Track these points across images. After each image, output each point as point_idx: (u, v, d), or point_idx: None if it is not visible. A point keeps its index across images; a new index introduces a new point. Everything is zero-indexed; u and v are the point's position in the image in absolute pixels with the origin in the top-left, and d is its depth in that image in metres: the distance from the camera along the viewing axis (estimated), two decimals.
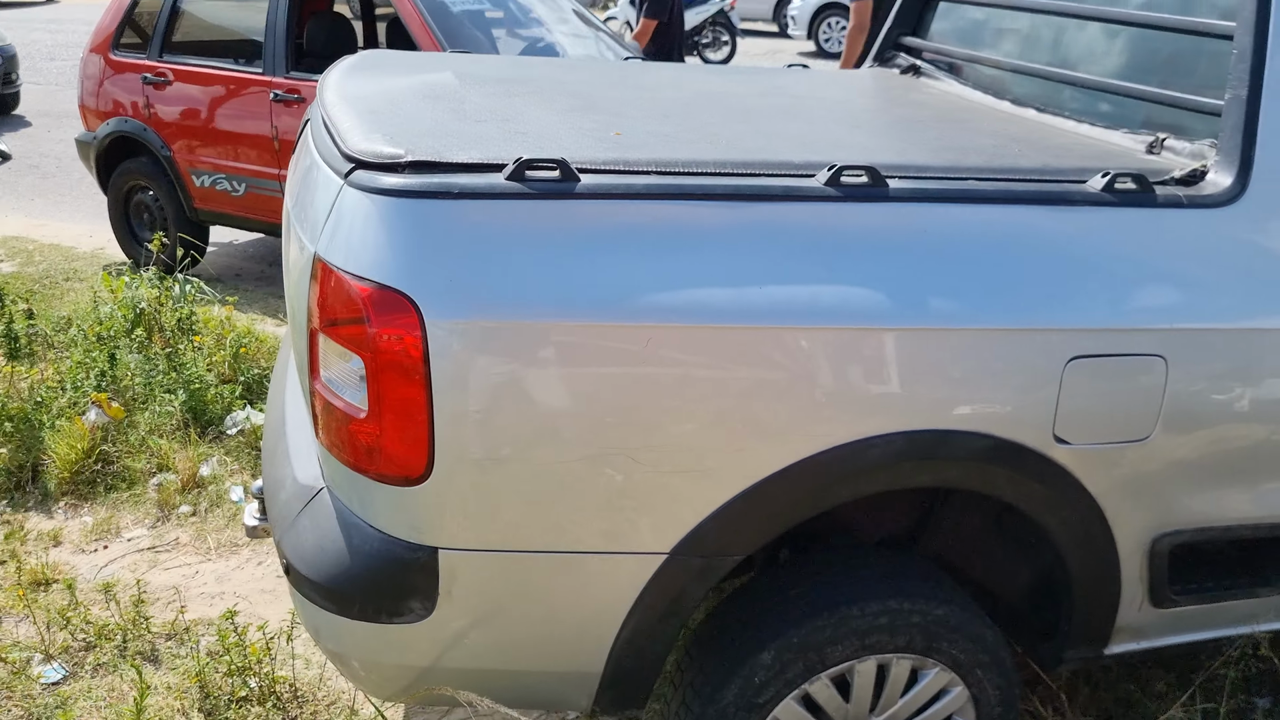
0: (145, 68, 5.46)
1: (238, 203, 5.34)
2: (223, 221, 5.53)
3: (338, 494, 1.76)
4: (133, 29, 5.62)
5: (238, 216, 5.43)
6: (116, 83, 5.59)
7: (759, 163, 1.74)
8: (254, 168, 5.21)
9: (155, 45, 5.47)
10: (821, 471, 1.67)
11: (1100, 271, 1.76)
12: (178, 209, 5.58)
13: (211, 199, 5.42)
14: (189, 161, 5.40)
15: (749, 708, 1.85)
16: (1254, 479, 1.95)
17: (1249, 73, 1.85)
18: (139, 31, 5.62)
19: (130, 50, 5.59)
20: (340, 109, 1.92)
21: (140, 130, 5.51)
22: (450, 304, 1.54)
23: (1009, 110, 2.51)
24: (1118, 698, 2.54)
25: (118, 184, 5.76)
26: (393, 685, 1.81)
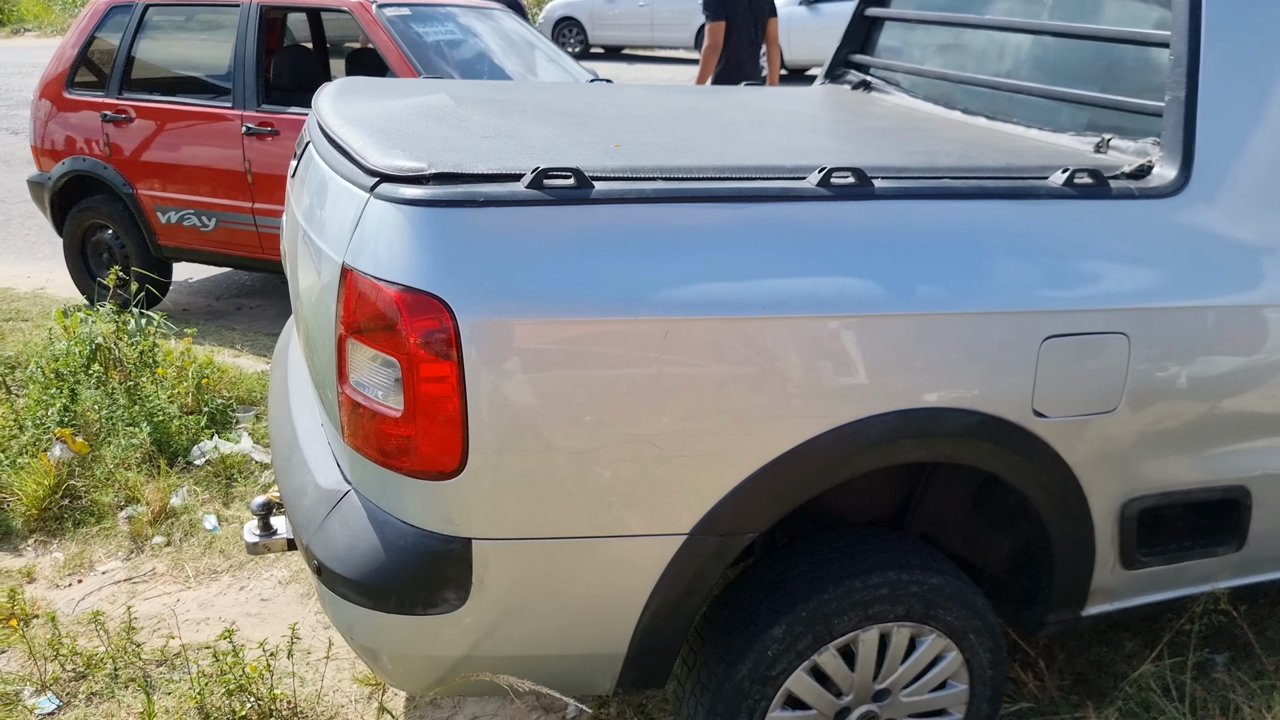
0: (104, 105, 5.42)
1: (207, 238, 5.31)
2: (188, 257, 5.48)
3: (366, 494, 1.83)
4: (87, 68, 5.58)
5: (206, 251, 5.39)
6: (72, 122, 5.53)
7: (753, 168, 1.87)
8: (225, 201, 5.19)
9: (114, 83, 5.43)
10: (826, 451, 1.79)
11: (1066, 257, 1.93)
12: (140, 247, 5.52)
13: (178, 235, 5.38)
14: (154, 198, 5.36)
15: (763, 680, 1.95)
16: (1207, 445, 2.12)
17: (1186, 76, 2.04)
18: (94, 70, 5.58)
19: (85, 89, 5.54)
20: (348, 130, 2.00)
21: (99, 168, 5.45)
22: (480, 304, 1.63)
23: (961, 119, 2.69)
24: (1091, 660, 2.71)
25: (74, 224, 5.68)
26: (424, 678, 1.88)
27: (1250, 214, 2.08)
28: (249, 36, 5.18)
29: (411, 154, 1.78)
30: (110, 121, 5.40)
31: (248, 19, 5.20)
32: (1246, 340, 2.07)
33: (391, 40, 4.97)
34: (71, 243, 5.74)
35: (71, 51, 5.58)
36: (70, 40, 5.63)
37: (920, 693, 2.12)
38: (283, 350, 2.69)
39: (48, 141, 5.63)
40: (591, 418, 1.69)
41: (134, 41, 5.45)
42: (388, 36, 4.97)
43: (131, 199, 5.41)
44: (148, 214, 5.41)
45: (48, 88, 5.61)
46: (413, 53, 4.95)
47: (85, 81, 5.58)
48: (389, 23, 5.05)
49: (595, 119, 2.31)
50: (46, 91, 5.61)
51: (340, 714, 2.70)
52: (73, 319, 4.50)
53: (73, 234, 5.72)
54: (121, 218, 5.52)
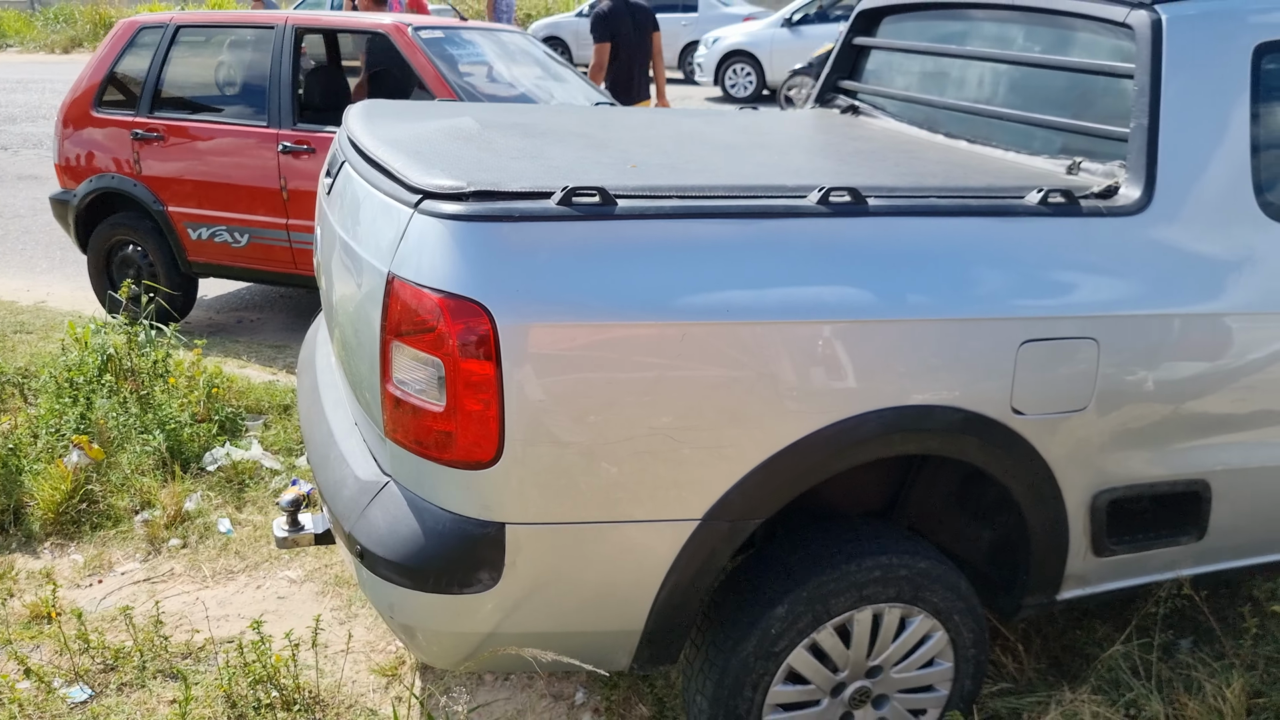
0: (134, 124, 5.50)
1: (238, 253, 5.41)
2: (217, 273, 5.58)
3: (405, 484, 2.00)
4: (115, 87, 5.66)
5: (236, 267, 5.50)
6: (99, 140, 5.61)
7: (759, 186, 2.06)
8: (259, 218, 5.30)
9: (144, 102, 5.52)
10: (827, 443, 1.98)
11: (1040, 269, 2.13)
12: (169, 263, 5.60)
13: (208, 251, 5.48)
14: (184, 215, 5.44)
15: (767, 656, 2.13)
16: (1170, 442, 2.32)
17: (1148, 105, 2.25)
18: (122, 89, 5.66)
19: (114, 107, 5.62)
20: (385, 150, 2.18)
21: (129, 185, 5.53)
22: (517, 310, 1.81)
23: (945, 142, 2.90)
24: (1066, 645, 2.90)
25: (100, 241, 5.76)
26: (457, 653, 2.04)
27: (1208, 230, 2.28)
28: (284, 57, 5.29)
29: (451, 173, 1.96)
30: (141, 139, 5.48)
31: (283, 40, 5.32)
32: (1205, 345, 2.27)
33: (429, 62, 5.11)
34: (96, 259, 5.82)
35: (100, 70, 5.65)
36: (98, 59, 5.71)
37: (909, 669, 2.30)
38: (309, 358, 2.85)
39: (73, 159, 5.70)
40: (614, 413, 1.87)
41: (165, 61, 5.54)
42: (425, 59, 5.12)
43: (162, 215, 5.49)
44: (178, 230, 5.50)
45: (73, 106, 5.68)
46: (449, 75, 5.09)
47: (113, 100, 5.66)
48: (426, 45, 5.20)
49: (611, 141, 2.49)
50: (72, 110, 5.68)
51: (359, 702, 2.84)
52: (84, 330, 4.63)
53: (98, 250, 5.79)
54: (150, 234, 5.59)
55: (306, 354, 2.91)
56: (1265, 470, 2.45)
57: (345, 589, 3.35)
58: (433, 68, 5.12)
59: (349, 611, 3.24)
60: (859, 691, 2.28)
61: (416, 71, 5.16)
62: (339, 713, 2.80)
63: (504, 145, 2.33)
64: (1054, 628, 2.99)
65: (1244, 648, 2.67)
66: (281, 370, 5.23)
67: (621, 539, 1.95)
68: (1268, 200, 2.35)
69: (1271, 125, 2.36)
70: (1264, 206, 2.34)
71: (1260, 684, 2.57)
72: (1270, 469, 2.46)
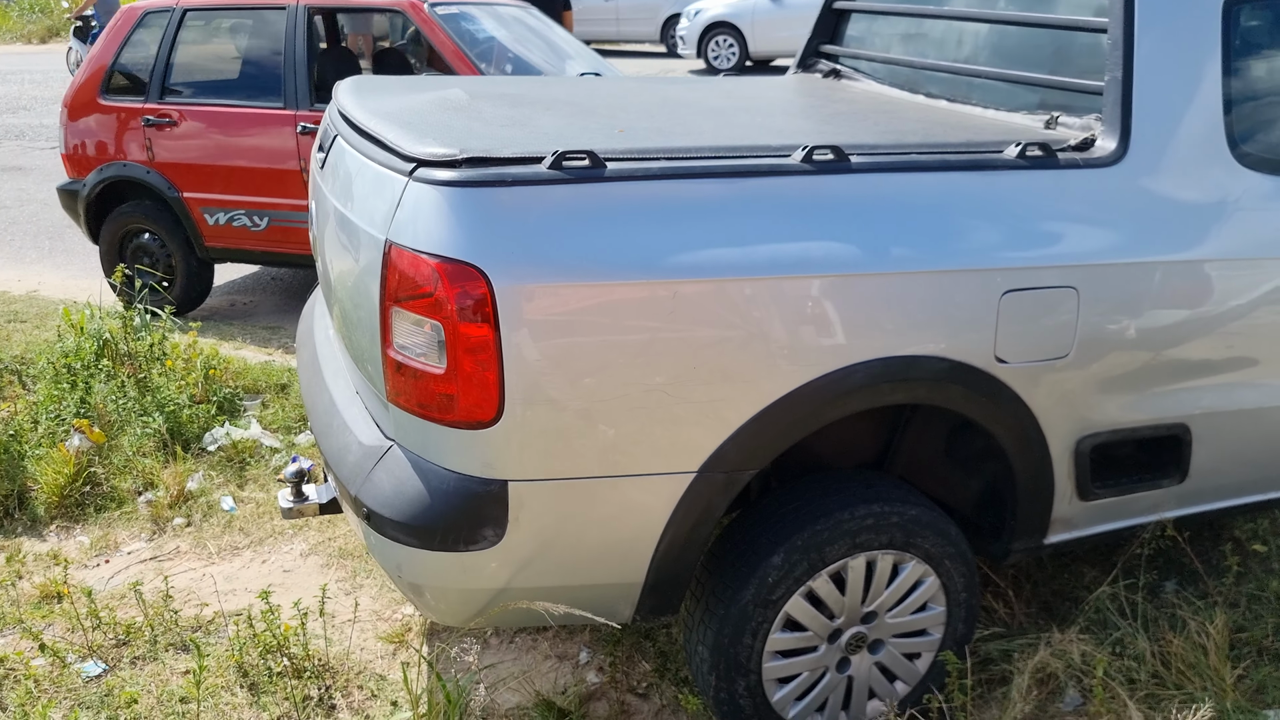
0: (145, 110, 5.46)
1: (257, 237, 5.40)
2: (234, 258, 5.58)
3: (409, 446, 2.05)
4: (122, 74, 5.59)
5: (255, 251, 5.49)
6: (108, 128, 5.54)
7: (744, 147, 2.11)
8: (279, 200, 5.28)
9: (153, 88, 5.46)
10: (817, 394, 2.04)
11: (1020, 221, 2.18)
12: (185, 249, 5.58)
13: (226, 236, 5.46)
14: (201, 201, 5.40)
15: (765, 604, 2.20)
16: (1150, 387, 2.39)
17: (1122, 58, 2.30)
18: (128, 76, 5.59)
19: (122, 94, 5.55)
20: (376, 122, 2.22)
21: (142, 173, 5.49)
22: (512, 272, 1.86)
23: (925, 102, 2.95)
24: (1055, 589, 2.98)
25: (112, 230, 5.70)
26: (464, 610, 2.10)
27: (1183, 180, 2.34)
28: (298, 38, 5.25)
29: (443, 142, 2.01)
30: (153, 126, 5.43)
31: (295, 20, 5.28)
32: (1182, 292, 2.33)
33: (448, 37, 5.11)
34: (109, 249, 5.77)
35: (105, 57, 5.58)
36: (102, 47, 5.63)
37: (903, 614, 2.37)
38: (307, 332, 2.89)
39: (81, 148, 5.63)
40: (609, 370, 1.92)
41: (174, 46, 5.47)
42: (444, 34, 5.12)
43: (177, 202, 5.46)
44: (194, 216, 5.46)
45: (79, 94, 5.60)
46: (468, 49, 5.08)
47: (121, 87, 5.58)
48: (443, 20, 5.19)
49: (597, 108, 2.54)
50: (78, 99, 5.61)
51: (368, 669, 2.91)
52: (79, 317, 4.67)
53: (110, 240, 5.74)
54: (165, 221, 5.56)
55: (304, 328, 2.96)
56: (1243, 413, 2.52)
57: (350, 560, 3.41)
58: (452, 42, 5.10)
59: (354, 582, 3.31)
60: (855, 637, 2.35)
61: (435, 47, 5.12)
62: (349, 679, 2.87)
63: (493, 114, 2.37)
64: (1043, 573, 3.07)
65: (1226, 586, 2.76)
66: (277, 350, 5.27)
67: (621, 493, 2.01)
68: (1242, 150, 2.41)
69: (1243, 77, 2.42)
70: (1238, 156, 2.40)
71: (1242, 620, 2.66)
72: (1248, 411, 2.53)
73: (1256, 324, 2.44)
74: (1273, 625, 2.61)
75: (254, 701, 2.74)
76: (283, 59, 5.30)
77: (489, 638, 3.00)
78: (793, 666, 2.31)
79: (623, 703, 2.71)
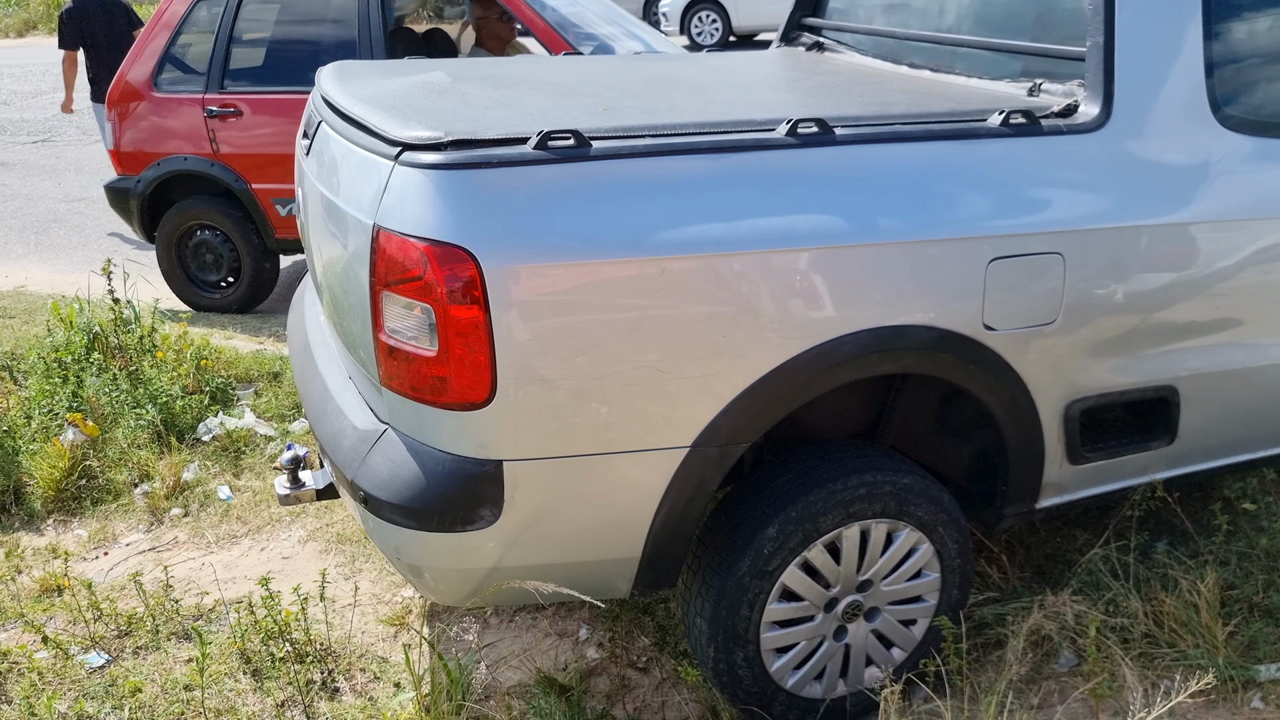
0: (206, 100, 5.27)
1: None
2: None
3: (403, 430, 2.07)
4: (173, 64, 5.39)
5: None
6: (164, 120, 5.35)
7: (728, 122, 2.12)
8: None
9: (213, 77, 5.28)
10: (807, 366, 2.05)
11: (1005, 189, 2.19)
12: (253, 243, 5.44)
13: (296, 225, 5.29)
14: (271, 191, 5.25)
15: (761, 575, 2.22)
16: (1137, 350, 2.41)
17: (1104, 23, 2.31)
18: (180, 66, 5.40)
19: (177, 85, 5.35)
20: (360, 107, 2.22)
21: (205, 166, 5.31)
22: (501, 253, 1.87)
23: (908, 73, 2.95)
24: (1047, 554, 3.01)
25: (170, 228, 5.51)
26: (463, 589, 2.12)
27: (1166, 144, 2.35)
28: (372, 18, 5.07)
29: (428, 124, 2.01)
30: (216, 116, 5.23)
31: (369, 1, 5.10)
32: (1166, 255, 2.35)
33: (535, 14, 5.01)
34: (167, 248, 5.58)
35: (156, 47, 5.35)
36: (151, 37, 5.40)
37: (898, 582, 2.39)
38: (298, 320, 2.90)
39: (133, 143, 5.41)
40: (600, 348, 1.93)
41: (232, 31, 5.24)
42: (531, 11, 5.02)
43: (246, 194, 5.30)
44: (264, 208, 5.31)
45: (128, 87, 5.38)
46: (556, 25, 4.99)
47: (174, 77, 5.37)
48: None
49: (581, 87, 2.54)
50: (126, 92, 5.38)
51: (370, 651, 2.93)
52: (69, 311, 4.66)
53: (168, 238, 5.53)
54: (231, 215, 5.40)
55: (295, 316, 2.96)
56: (1230, 373, 2.55)
57: (349, 545, 3.43)
58: (539, 20, 5.00)
59: (353, 567, 3.33)
60: (851, 605, 2.37)
61: (525, 24, 5.01)
62: (351, 662, 2.89)
63: (477, 96, 2.37)
64: (1036, 538, 3.10)
65: (1216, 545, 2.79)
66: (268, 339, 5.27)
67: (616, 470, 2.03)
68: (1224, 112, 2.42)
69: (1223, 40, 2.43)
70: (1220, 118, 2.41)
71: (1233, 578, 2.69)
72: (1235, 372, 2.55)
73: (1241, 285, 2.46)
74: (1263, 582, 2.64)
75: (258, 687, 2.76)
76: (357, 41, 5.09)
77: (489, 617, 3.03)
78: (790, 636, 2.34)
79: (623, 677, 2.74)
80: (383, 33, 5.10)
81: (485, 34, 5.37)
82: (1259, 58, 2.47)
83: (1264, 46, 2.47)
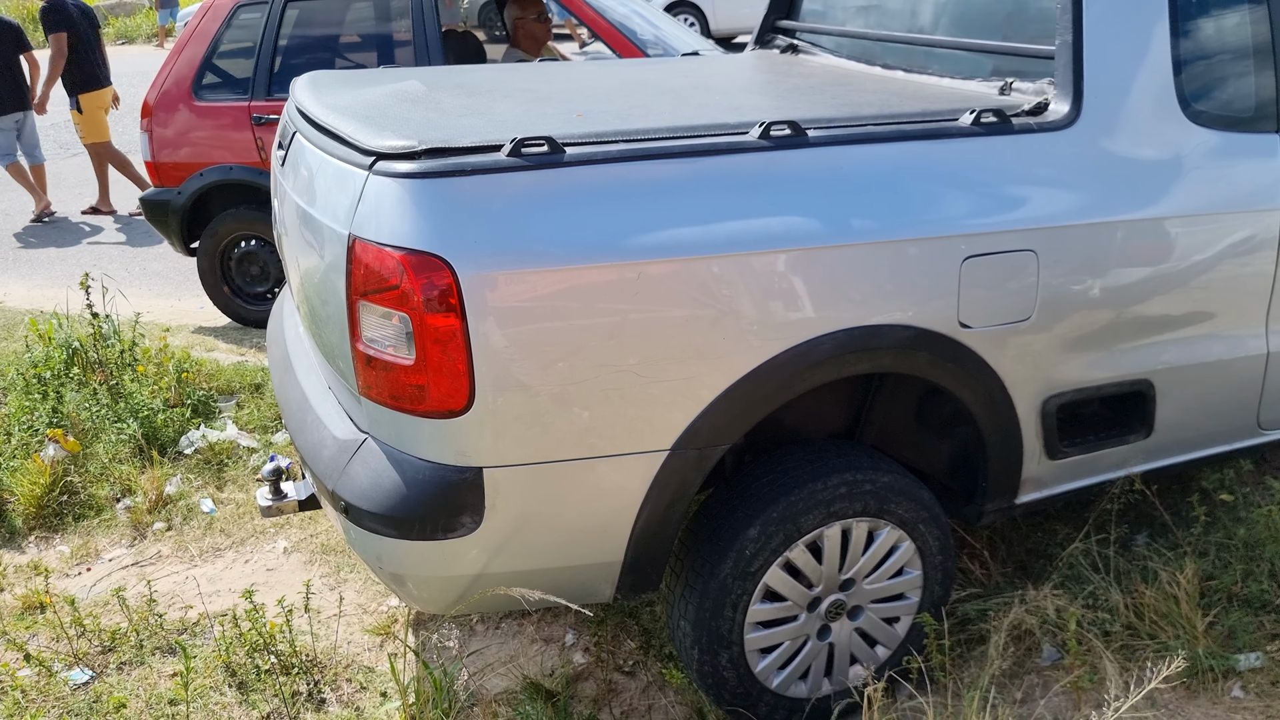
0: (253, 108, 5.12)
1: None
2: None
3: (383, 439, 2.07)
4: (214, 71, 5.23)
5: None
6: (208, 129, 5.20)
7: (702, 126, 2.13)
8: None
9: (259, 83, 5.12)
10: (784, 368, 2.06)
11: (977, 187, 2.21)
12: None
13: None
14: None
15: (744, 576, 2.23)
16: (1112, 345, 2.43)
17: (1072, 22, 2.33)
18: (221, 74, 5.26)
19: (219, 92, 5.21)
20: (335, 117, 2.22)
21: (254, 175, 5.15)
22: (477, 261, 1.87)
23: (881, 74, 2.97)
24: (1029, 549, 3.03)
25: (213, 240, 5.35)
26: (446, 597, 2.12)
27: (1136, 140, 2.38)
28: (426, 20, 4.96)
29: (402, 134, 2.01)
30: (264, 124, 5.08)
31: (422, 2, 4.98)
32: (1138, 250, 2.37)
33: (598, 16, 4.98)
34: (210, 260, 5.41)
35: (196, 54, 5.20)
36: (189, 45, 5.25)
37: (880, 580, 2.41)
38: (277, 330, 2.89)
39: (174, 154, 5.23)
40: (578, 354, 1.94)
41: (278, 36, 5.10)
42: (593, 13, 4.99)
43: None
44: None
45: (166, 97, 5.21)
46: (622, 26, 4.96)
47: (215, 84, 5.23)
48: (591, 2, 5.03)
49: (554, 93, 2.55)
50: (165, 101, 5.21)
51: (356, 662, 2.93)
52: (47, 326, 4.64)
53: (210, 251, 5.38)
54: None
55: (274, 326, 2.95)
56: (1204, 366, 2.57)
57: (333, 556, 3.42)
58: (604, 22, 4.96)
59: (338, 577, 3.32)
60: (834, 604, 2.38)
61: (589, 26, 4.98)
62: (337, 673, 2.88)
63: (451, 104, 2.37)
64: (1017, 532, 3.12)
65: (1195, 536, 2.81)
66: (249, 350, 5.25)
67: (596, 474, 2.03)
68: (1193, 109, 2.45)
69: (1191, 37, 2.45)
70: (1189, 114, 2.44)
71: (1211, 568, 2.71)
72: (1208, 364, 2.58)
73: (1213, 278, 2.48)
74: (1241, 572, 2.66)
75: (243, 700, 2.75)
76: (413, 42, 4.95)
77: (475, 625, 3.03)
78: (774, 636, 2.35)
79: (609, 681, 2.74)
80: (439, 34, 5.00)
81: (522, 34, 5.31)
82: (1225, 54, 2.50)
83: (1230, 43, 2.50)
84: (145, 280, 6.61)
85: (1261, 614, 2.60)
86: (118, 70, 9.79)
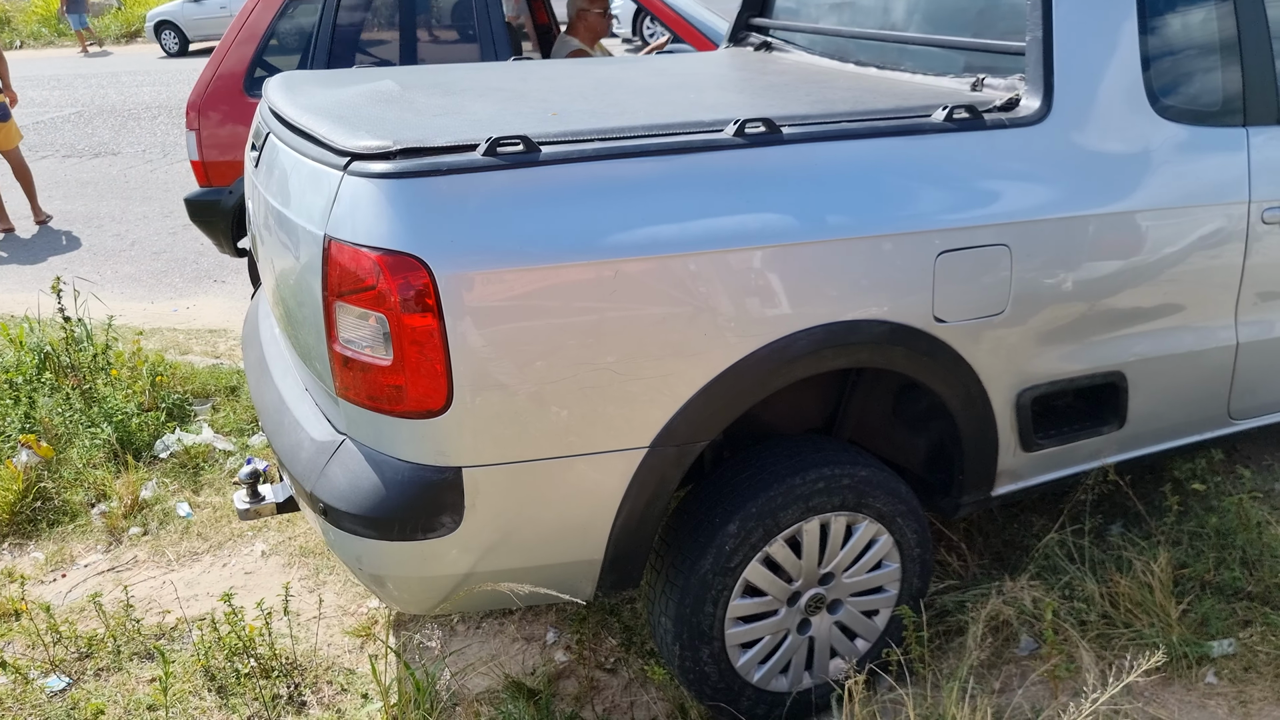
0: None
1: None
2: None
3: (361, 439, 2.06)
4: (265, 69, 5.04)
5: None
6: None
7: (677, 124, 2.13)
8: None
9: None
10: (762, 364, 2.07)
11: (950, 183, 2.23)
12: None
13: None
14: None
15: (724, 572, 2.24)
16: (1084, 337, 2.46)
17: (1042, 18, 2.35)
18: (274, 70, 5.04)
19: None
20: (309, 118, 2.21)
21: None
22: (453, 260, 1.87)
23: (855, 71, 2.98)
24: (1006, 540, 3.06)
25: None
26: (427, 598, 2.12)
27: (1106, 135, 2.40)
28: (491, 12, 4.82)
29: (376, 134, 2.00)
30: None
31: None
32: (1110, 244, 2.40)
33: (671, 10, 4.97)
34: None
35: (248, 49, 5.00)
36: (241, 38, 5.05)
37: (859, 573, 2.42)
38: (252, 333, 2.88)
39: (223, 153, 5.03)
40: (556, 352, 1.94)
41: (334, 27, 4.93)
42: (666, 7, 4.98)
43: None
44: None
45: (214, 94, 5.02)
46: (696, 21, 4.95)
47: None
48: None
49: (529, 92, 2.54)
50: (213, 98, 5.01)
51: (337, 664, 2.92)
52: (18, 331, 4.59)
53: None
54: None
55: (249, 329, 2.94)
56: (1175, 357, 2.60)
57: (312, 558, 3.41)
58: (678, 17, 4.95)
59: (317, 580, 3.30)
60: (814, 598, 2.40)
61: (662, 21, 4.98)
62: (318, 675, 2.87)
63: (426, 104, 2.37)
64: (994, 525, 3.15)
65: (1168, 525, 2.85)
66: (224, 353, 5.22)
67: (575, 473, 2.04)
68: (1162, 103, 2.47)
69: (1159, 33, 2.48)
70: (1158, 109, 2.46)
71: (1185, 557, 2.75)
72: (1180, 355, 2.61)
73: (1183, 270, 2.52)
74: (1214, 560, 2.70)
75: (223, 704, 2.73)
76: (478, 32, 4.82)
77: (456, 625, 3.02)
78: (755, 631, 2.36)
79: (592, 679, 2.75)
80: (504, 26, 4.92)
81: (582, 24, 5.24)
82: (1193, 49, 2.53)
83: (1197, 38, 2.53)
84: (117, 283, 6.54)
85: (1234, 601, 2.64)
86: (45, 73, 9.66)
